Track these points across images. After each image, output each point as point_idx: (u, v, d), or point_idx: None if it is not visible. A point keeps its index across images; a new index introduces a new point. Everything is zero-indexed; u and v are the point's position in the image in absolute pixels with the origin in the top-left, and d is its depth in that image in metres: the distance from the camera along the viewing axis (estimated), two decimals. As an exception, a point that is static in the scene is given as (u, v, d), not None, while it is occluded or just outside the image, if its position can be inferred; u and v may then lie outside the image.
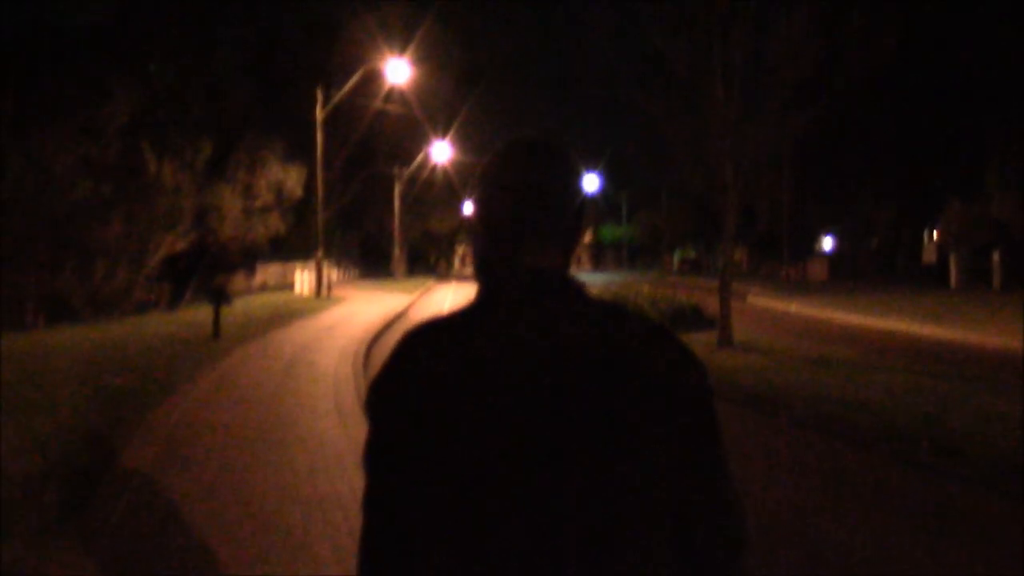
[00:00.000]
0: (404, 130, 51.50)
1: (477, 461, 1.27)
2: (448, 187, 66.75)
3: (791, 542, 5.84)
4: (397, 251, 58.62)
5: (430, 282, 50.36)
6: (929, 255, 45.45)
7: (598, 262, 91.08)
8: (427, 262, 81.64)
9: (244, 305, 24.95)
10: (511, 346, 1.31)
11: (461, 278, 63.23)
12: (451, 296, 36.30)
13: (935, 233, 46.49)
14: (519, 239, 1.40)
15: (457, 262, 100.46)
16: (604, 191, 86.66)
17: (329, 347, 16.79)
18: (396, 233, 57.00)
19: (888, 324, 22.19)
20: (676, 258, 76.44)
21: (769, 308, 29.02)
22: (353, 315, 25.22)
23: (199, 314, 22.85)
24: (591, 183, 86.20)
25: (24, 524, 5.73)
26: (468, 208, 1.51)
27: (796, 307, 29.16)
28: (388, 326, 22.13)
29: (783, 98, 15.44)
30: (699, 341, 16.86)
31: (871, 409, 10.22)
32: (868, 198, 46.41)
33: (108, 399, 10.27)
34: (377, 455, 1.36)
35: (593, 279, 44.12)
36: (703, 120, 16.02)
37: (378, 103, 41.41)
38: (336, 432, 8.75)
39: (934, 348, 17.13)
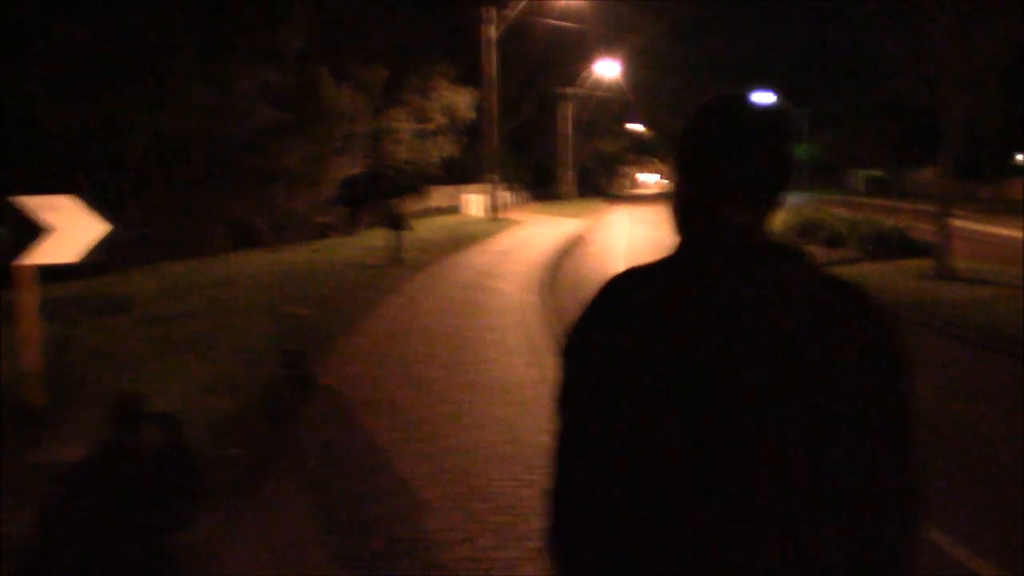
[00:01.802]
0: (574, 50, 50.13)
1: (686, 408, 1.28)
2: (618, 105, 65.11)
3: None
4: (568, 173, 57.66)
5: (602, 205, 49.33)
6: None
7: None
8: (596, 183, 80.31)
9: (419, 228, 24.68)
10: (723, 302, 1.31)
11: (632, 199, 61.93)
12: (627, 222, 35.19)
13: None
14: (738, 197, 1.41)
15: (625, 182, 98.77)
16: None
17: (510, 273, 16.19)
18: (567, 154, 55.99)
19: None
20: (861, 178, 72.09)
21: (978, 232, 26.49)
22: (529, 239, 24.62)
23: (376, 238, 22.77)
24: (767, 99, 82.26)
25: (214, 477, 5.31)
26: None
27: (1007, 230, 26.64)
28: (566, 252, 21.36)
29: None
30: (910, 270, 15.32)
31: None
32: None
33: (294, 332, 9.95)
34: (582, 399, 1.36)
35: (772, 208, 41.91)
36: (919, 25, 14.19)
37: (549, 21, 40.12)
38: (532, 373, 8.04)
39: None
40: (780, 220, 21.44)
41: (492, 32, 33.08)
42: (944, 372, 8.85)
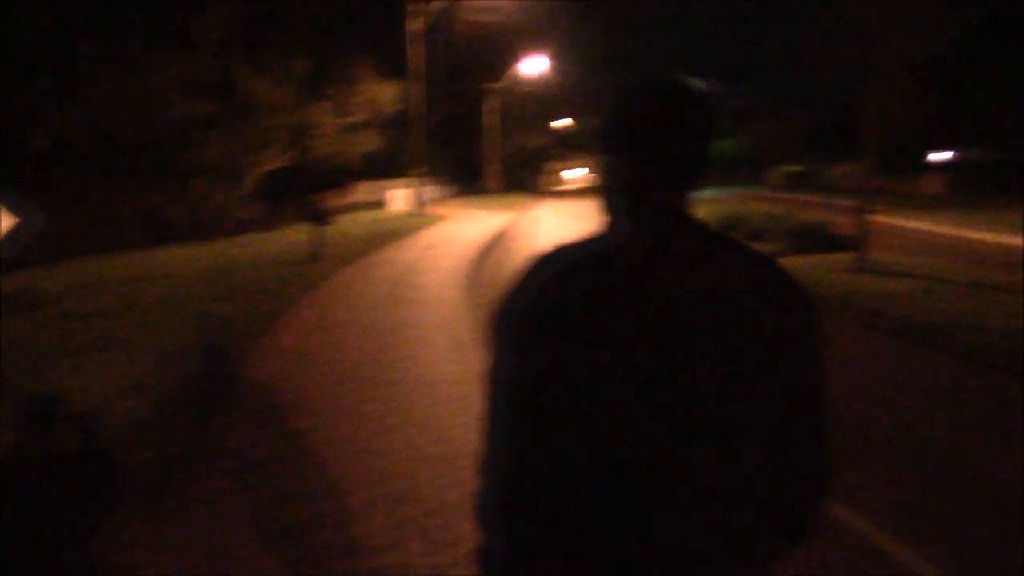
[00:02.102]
0: (502, 44, 50.10)
1: (620, 382, 1.32)
2: (543, 101, 65.27)
3: (957, 483, 5.14)
4: (491, 167, 57.58)
5: (528, 200, 49.38)
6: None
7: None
8: (521, 179, 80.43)
9: (344, 223, 24.38)
10: (648, 279, 1.35)
11: (557, 195, 62.19)
12: (552, 218, 35.27)
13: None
14: (660, 178, 1.44)
15: (550, 178, 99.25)
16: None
17: (436, 268, 16.05)
18: (492, 150, 55.90)
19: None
20: (780, 173, 73.45)
21: (894, 225, 27.06)
22: (454, 234, 24.48)
23: (299, 233, 22.41)
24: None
25: (133, 481, 5.09)
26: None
27: (925, 224, 27.38)
28: (491, 246, 21.28)
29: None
30: (833, 264, 15.58)
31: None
32: (994, 108, 43.09)
33: (214, 329, 9.67)
34: (516, 377, 1.37)
35: (695, 194, 42.40)
36: (849, 16, 14.43)
37: (476, 16, 39.96)
38: (458, 369, 7.93)
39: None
40: (704, 214, 21.63)
41: (420, 24, 32.78)
42: (865, 362, 9.00)
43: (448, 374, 7.77)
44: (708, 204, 27.69)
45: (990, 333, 9.48)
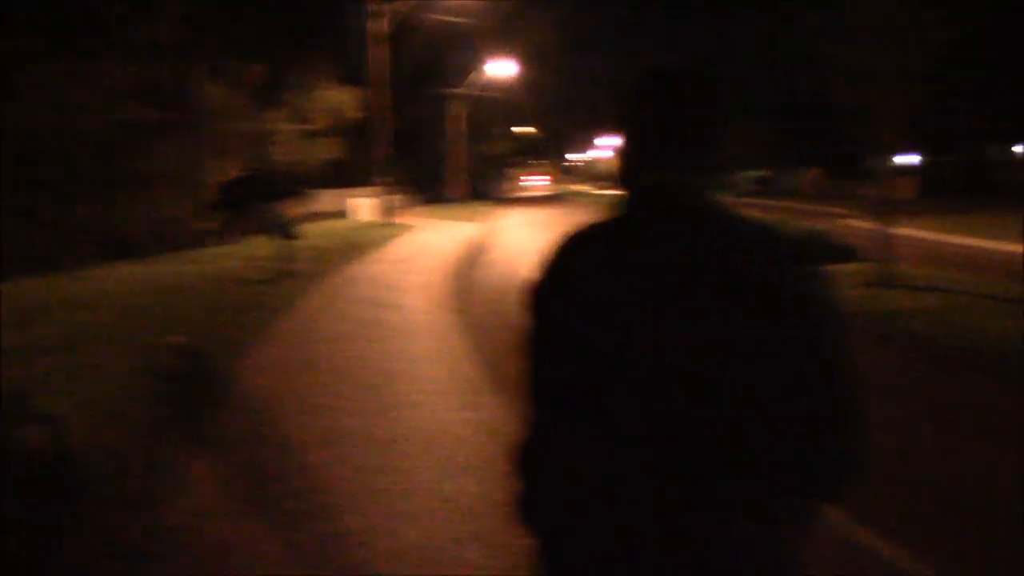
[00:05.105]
0: (465, 49, 48.76)
1: (604, 342, 1.46)
2: (506, 107, 64.01)
3: None
4: (459, 175, 56.05)
5: (493, 208, 47.91)
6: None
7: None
8: (483, 186, 78.99)
9: (306, 234, 22.59)
10: (653, 254, 1.47)
11: (522, 202, 60.88)
12: (525, 226, 33.87)
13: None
14: (665, 160, 1.53)
15: (513, 185, 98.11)
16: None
17: (416, 285, 14.51)
18: (456, 156, 54.36)
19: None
20: (748, 178, 72.52)
21: (879, 232, 25.99)
22: (427, 245, 22.94)
23: (258, 247, 20.76)
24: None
25: None
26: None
27: (908, 230, 26.40)
28: (471, 259, 19.70)
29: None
30: (850, 277, 14.32)
31: None
32: (957, 112, 42.41)
33: (166, 369, 8.05)
34: (535, 345, 1.59)
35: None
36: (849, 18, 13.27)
37: (439, 19, 38.45)
38: (474, 420, 6.41)
39: None
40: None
41: (382, 27, 31.23)
42: (931, 401, 7.65)
43: (463, 427, 6.26)
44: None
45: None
